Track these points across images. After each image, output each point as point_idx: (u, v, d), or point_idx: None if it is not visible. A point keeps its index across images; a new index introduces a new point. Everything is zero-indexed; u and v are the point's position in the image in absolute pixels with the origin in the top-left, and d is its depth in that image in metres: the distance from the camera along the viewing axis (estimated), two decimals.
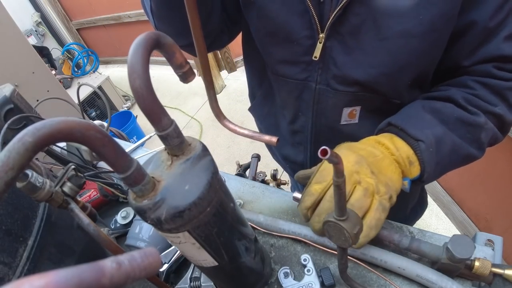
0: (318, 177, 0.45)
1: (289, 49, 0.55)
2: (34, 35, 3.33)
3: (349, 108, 0.58)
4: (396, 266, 0.44)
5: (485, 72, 0.50)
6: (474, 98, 0.50)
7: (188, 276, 0.49)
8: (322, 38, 0.51)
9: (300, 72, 0.56)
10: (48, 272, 0.10)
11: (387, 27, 0.47)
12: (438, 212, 1.65)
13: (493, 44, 0.48)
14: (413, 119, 0.49)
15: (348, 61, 0.52)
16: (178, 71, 0.32)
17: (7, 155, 0.18)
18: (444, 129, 0.48)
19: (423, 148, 0.46)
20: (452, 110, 0.50)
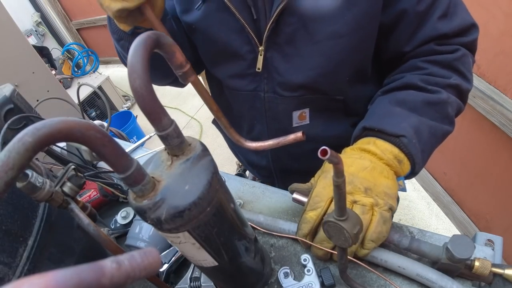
0: (312, 204, 0.46)
1: (236, 64, 0.59)
2: (34, 35, 3.33)
3: (298, 111, 0.61)
4: (396, 265, 0.44)
5: (429, 51, 0.53)
6: (429, 77, 0.52)
7: (188, 276, 0.49)
8: (262, 51, 0.55)
9: (249, 84, 0.61)
10: (48, 272, 0.10)
11: (318, 31, 0.51)
12: (438, 212, 1.65)
13: (429, 26, 0.51)
14: (386, 117, 0.50)
15: (288, 68, 0.55)
16: (178, 71, 0.32)
17: (7, 155, 0.18)
18: (416, 116, 0.50)
19: (406, 143, 0.47)
20: (415, 96, 0.51)
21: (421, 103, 0.51)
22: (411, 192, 1.79)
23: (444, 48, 0.52)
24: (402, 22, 0.51)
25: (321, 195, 0.46)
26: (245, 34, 0.54)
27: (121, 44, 0.60)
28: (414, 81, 0.52)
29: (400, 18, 0.51)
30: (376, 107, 0.55)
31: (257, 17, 0.52)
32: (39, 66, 1.94)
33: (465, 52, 0.53)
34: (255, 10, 0.52)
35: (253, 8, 0.52)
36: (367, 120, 0.53)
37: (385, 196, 0.44)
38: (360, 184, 0.44)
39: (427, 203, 1.70)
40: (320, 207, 0.45)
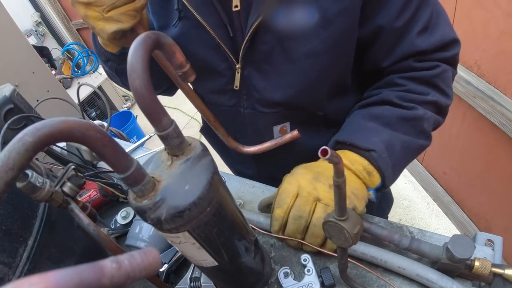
0: (278, 202, 0.47)
1: (215, 81, 0.59)
2: (34, 35, 3.33)
3: (278, 125, 0.62)
4: (396, 265, 0.44)
5: (407, 67, 0.53)
6: (406, 93, 0.52)
7: (188, 276, 0.49)
8: (238, 68, 0.54)
9: (229, 100, 0.61)
10: (48, 272, 0.10)
11: (294, 50, 0.50)
12: (438, 212, 1.65)
13: (407, 42, 0.50)
14: (358, 131, 0.51)
15: (266, 85, 0.55)
16: (179, 71, 0.32)
17: (7, 155, 0.18)
18: (389, 131, 0.50)
19: (376, 157, 0.47)
20: (391, 112, 0.52)
21: (396, 119, 0.51)
22: (411, 192, 1.79)
23: (422, 65, 0.52)
24: (379, 38, 0.51)
25: (286, 191, 0.47)
26: (222, 51, 0.53)
27: (109, 65, 0.60)
28: (390, 98, 0.52)
29: (377, 34, 0.50)
30: (349, 121, 0.56)
31: (234, 35, 0.52)
32: (39, 66, 1.94)
33: (445, 68, 0.52)
34: (231, 27, 0.51)
35: (229, 25, 0.51)
36: (339, 134, 0.53)
37: (352, 195, 0.45)
38: (325, 180, 0.45)
39: (427, 203, 1.70)
40: (286, 204, 0.46)
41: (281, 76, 0.54)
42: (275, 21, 0.48)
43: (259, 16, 0.47)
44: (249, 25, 0.48)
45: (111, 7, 0.43)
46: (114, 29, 0.44)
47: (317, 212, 0.45)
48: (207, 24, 0.50)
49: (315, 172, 0.47)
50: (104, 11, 0.43)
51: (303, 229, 0.46)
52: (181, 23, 0.54)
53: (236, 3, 0.49)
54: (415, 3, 0.47)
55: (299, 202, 0.45)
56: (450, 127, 1.39)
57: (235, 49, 0.53)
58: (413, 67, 0.52)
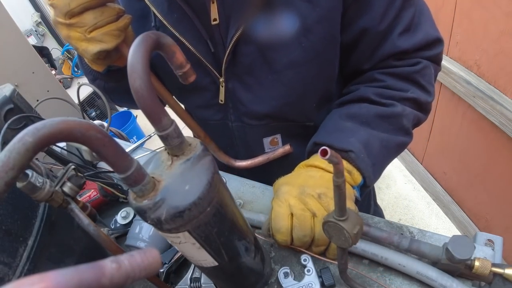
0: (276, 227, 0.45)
1: (200, 96, 0.58)
2: (34, 35, 3.33)
3: (268, 137, 0.61)
4: (397, 263, 0.44)
5: (387, 65, 0.52)
6: (385, 90, 0.52)
7: (189, 276, 0.49)
8: (222, 82, 0.53)
9: (215, 114, 0.60)
10: (48, 272, 0.10)
11: (276, 61, 0.50)
12: (438, 212, 1.65)
13: (389, 43, 0.49)
14: (335, 132, 0.50)
15: (251, 98, 0.54)
16: (178, 71, 0.32)
17: (7, 155, 0.18)
18: (367, 130, 0.49)
19: (354, 157, 0.47)
20: (368, 110, 0.51)
21: (373, 117, 0.50)
22: (411, 192, 1.79)
23: (402, 62, 0.51)
24: (363, 40, 0.50)
25: (280, 215, 0.45)
26: (204, 66, 0.53)
27: (96, 84, 0.59)
28: (368, 95, 0.52)
29: (361, 37, 0.50)
30: (327, 122, 0.55)
31: (215, 49, 0.51)
32: (39, 66, 1.94)
33: (426, 64, 0.52)
34: (211, 42, 0.51)
35: (209, 40, 0.50)
36: (317, 135, 0.53)
37: None
38: (312, 190, 0.44)
39: (427, 203, 1.70)
40: (284, 227, 0.44)
41: (265, 88, 0.53)
42: (255, 32, 0.47)
43: (239, 28, 0.46)
44: (229, 38, 0.47)
45: (93, 27, 0.42)
46: (97, 50, 0.43)
47: (317, 227, 0.44)
48: (186, 40, 0.49)
49: (299, 186, 0.45)
50: (86, 32, 0.42)
51: (310, 243, 0.46)
52: None
53: (214, 16, 0.47)
54: (398, 4, 0.47)
55: (297, 223, 0.44)
56: (450, 127, 1.39)
57: (217, 63, 0.52)
58: (393, 64, 0.51)
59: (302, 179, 0.46)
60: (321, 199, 0.43)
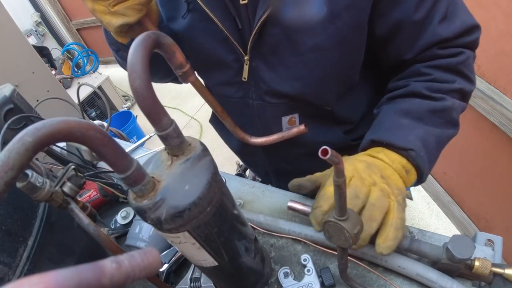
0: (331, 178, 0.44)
1: (223, 73, 0.59)
2: (34, 35, 3.33)
3: (287, 116, 0.62)
4: (397, 265, 0.44)
5: (432, 55, 0.52)
6: (433, 84, 0.52)
7: (189, 276, 0.49)
8: (247, 60, 0.54)
9: (237, 91, 0.61)
10: (48, 272, 0.10)
11: (301, 43, 0.50)
12: (438, 212, 1.65)
13: (429, 32, 0.50)
14: (393, 129, 0.50)
15: (274, 77, 0.55)
16: (178, 71, 0.32)
17: (7, 155, 0.18)
18: (422, 127, 0.50)
19: (414, 156, 0.47)
20: (420, 105, 0.51)
21: (426, 112, 0.50)
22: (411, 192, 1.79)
23: (447, 52, 0.52)
24: (399, 32, 0.51)
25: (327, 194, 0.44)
26: (230, 43, 0.54)
27: (120, 55, 0.61)
28: (419, 89, 0.52)
29: (397, 28, 0.50)
30: (382, 118, 0.54)
31: (242, 27, 0.52)
32: (39, 66, 1.94)
33: (468, 54, 0.52)
34: (239, 20, 0.52)
35: (237, 18, 0.52)
36: (374, 133, 0.52)
37: (397, 189, 0.44)
38: (377, 170, 0.44)
39: (427, 203, 1.70)
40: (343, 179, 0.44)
41: (288, 69, 0.54)
42: (283, 14, 0.48)
43: (267, 9, 0.47)
44: (257, 18, 0.48)
45: (117, 1, 0.44)
46: (120, 23, 0.45)
47: (374, 193, 0.42)
48: (215, 16, 0.51)
49: (367, 163, 0.46)
50: (110, 5, 0.45)
51: (358, 210, 0.43)
52: (190, 15, 0.55)
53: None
54: None
55: (356, 183, 0.43)
56: None
57: (243, 41, 0.53)
58: (438, 54, 0.52)
59: (371, 160, 0.47)
60: (383, 180, 0.44)
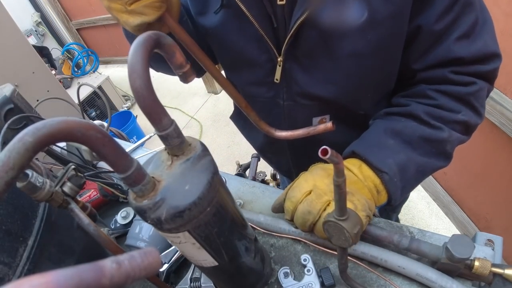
0: (290, 194, 0.48)
1: (253, 73, 0.58)
2: (34, 35, 3.33)
3: (318, 117, 0.60)
4: (396, 265, 0.44)
5: (442, 78, 0.50)
6: (435, 110, 0.50)
7: (189, 276, 0.49)
8: (280, 62, 0.52)
9: (267, 92, 0.59)
10: (48, 272, 0.10)
11: (338, 49, 0.48)
12: (438, 212, 1.65)
13: (444, 47, 0.48)
14: (376, 147, 0.50)
15: (307, 79, 0.54)
16: (178, 71, 0.32)
17: (7, 155, 0.18)
18: (407, 153, 0.49)
19: (387, 180, 0.47)
20: (413, 130, 0.50)
21: (417, 138, 0.49)
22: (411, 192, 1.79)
23: (458, 78, 0.49)
24: (416, 39, 0.49)
25: (300, 186, 0.47)
26: (264, 43, 0.52)
27: None
28: (418, 113, 0.50)
29: (415, 34, 0.48)
30: (371, 133, 0.54)
31: (277, 27, 0.50)
32: (39, 66, 1.94)
33: (481, 86, 0.49)
34: (275, 20, 0.50)
35: (274, 17, 0.49)
36: (357, 145, 0.52)
37: (366, 203, 0.44)
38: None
39: (427, 203, 1.70)
40: (296, 198, 0.46)
41: (323, 73, 0.52)
42: (321, 18, 0.46)
43: (304, 11, 0.45)
44: (293, 20, 0.47)
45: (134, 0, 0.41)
46: (137, 22, 0.43)
47: (326, 212, 0.44)
48: (252, 15, 0.49)
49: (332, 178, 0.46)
50: (127, 4, 0.41)
51: (310, 225, 0.46)
52: (223, 11, 0.52)
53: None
54: (458, 8, 0.45)
55: (311, 198, 0.45)
56: None
57: (277, 42, 0.51)
58: (448, 79, 0.49)
59: None
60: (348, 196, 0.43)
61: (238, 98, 0.52)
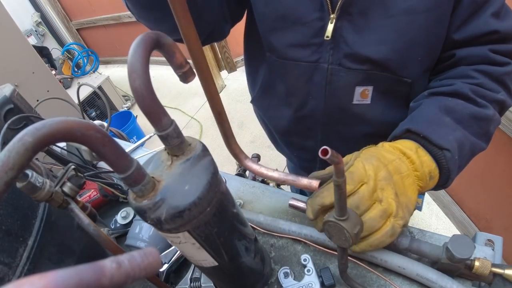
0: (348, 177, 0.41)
1: (299, 32, 0.55)
2: (34, 35, 3.33)
3: (361, 87, 0.58)
4: (396, 265, 0.44)
5: (482, 56, 0.51)
6: (479, 88, 0.50)
7: (189, 276, 0.49)
8: (333, 19, 0.51)
9: (311, 54, 0.56)
10: (48, 272, 0.10)
11: (394, 5, 0.48)
12: (438, 212, 1.65)
13: (481, 19, 0.49)
14: (434, 124, 0.48)
15: (358, 39, 0.52)
16: (178, 71, 0.32)
17: (7, 155, 0.18)
18: (462, 131, 0.48)
19: (449, 157, 0.45)
20: (463, 107, 0.50)
21: (468, 116, 0.49)
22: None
23: (497, 58, 0.50)
24: (459, 6, 0.49)
25: (359, 172, 0.42)
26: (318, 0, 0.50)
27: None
28: (465, 91, 0.50)
29: (458, 2, 0.49)
30: (424, 110, 0.52)
31: None
32: (39, 66, 1.94)
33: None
34: None
35: None
36: (413, 123, 0.49)
37: (405, 209, 0.42)
38: (394, 186, 0.42)
39: (427, 203, 1.70)
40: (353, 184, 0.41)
41: (376, 31, 0.51)
42: None
43: None
44: None
45: None
46: None
47: (372, 213, 0.40)
48: None
49: (388, 172, 0.42)
50: None
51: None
52: None
53: None
54: None
55: (364, 193, 0.40)
56: None
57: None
58: (488, 58, 0.50)
59: (392, 167, 0.43)
60: (396, 198, 0.41)
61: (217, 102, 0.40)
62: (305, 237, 0.51)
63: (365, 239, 0.41)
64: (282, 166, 2.05)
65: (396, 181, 0.42)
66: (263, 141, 2.33)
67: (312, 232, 0.50)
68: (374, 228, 0.40)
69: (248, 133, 2.48)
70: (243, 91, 2.91)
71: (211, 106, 0.39)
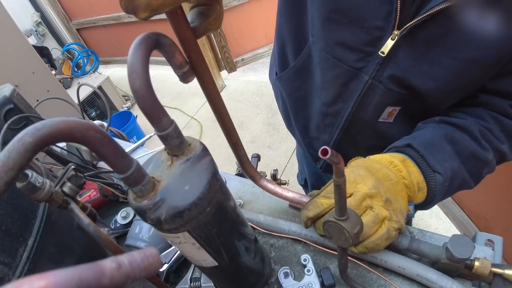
0: (328, 191, 0.44)
1: (354, 34, 0.51)
2: (34, 35, 3.33)
3: (391, 107, 0.56)
4: (396, 265, 0.44)
5: (502, 108, 0.51)
6: (487, 132, 0.51)
7: (189, 276, 0.49)
8: (395, 36, 0.48)
9: (357, 61, 0.53)
10: (48, 272, 0.10)
11: (463, 50, 0.46)
12: (438, 212, 1.65)
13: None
14: (434, 148, 0.48)
15: (412, 66, 0.50)
16: (178, 71, 0.32)
17: (7, 155, 0.18)
18: (459, 163, 0.49)
19: (439, 181, 0.46)
20: (467, 143, 0.50)
21: (469, 152, 0.49)
22: None
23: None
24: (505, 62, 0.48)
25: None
26: (388, 9, 0.46)
27: None
28: (473, 129, 0.50)
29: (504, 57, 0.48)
30: (430, 132, 0.52)
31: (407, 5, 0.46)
32: (39, 66, 1.94)
33: None
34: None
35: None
36: (415, 139, 0.50)
37: (399, 214, 0.43)
38: (384, 193, 0.43)
39: None
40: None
41: (433, 66, 0.49)
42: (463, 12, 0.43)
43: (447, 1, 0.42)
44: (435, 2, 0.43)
45: None
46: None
47: (365, 219, 0.41)
48: None
49: (377, 180, 0.44)
50: None
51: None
52: None
53: None
54: None
55: (350, 204, 0.42)
56: None
57: (402, 13, 0.47)
58: (506, 111, 0.51)
59: (381, 175, 0.45)
60: (385, 205, 0.43)
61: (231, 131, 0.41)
62: (305, 237, 0.51)
63: (361, 242, 0.43)
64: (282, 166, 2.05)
65: (387, 187, 0.44)
66: (263, 141, 2.34)
67: (312, 232, 0.50)
68: (369, 234, 0.41)
69: (248, 133, 2.48)
70: (243, 91, 2.91)
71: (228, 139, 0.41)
